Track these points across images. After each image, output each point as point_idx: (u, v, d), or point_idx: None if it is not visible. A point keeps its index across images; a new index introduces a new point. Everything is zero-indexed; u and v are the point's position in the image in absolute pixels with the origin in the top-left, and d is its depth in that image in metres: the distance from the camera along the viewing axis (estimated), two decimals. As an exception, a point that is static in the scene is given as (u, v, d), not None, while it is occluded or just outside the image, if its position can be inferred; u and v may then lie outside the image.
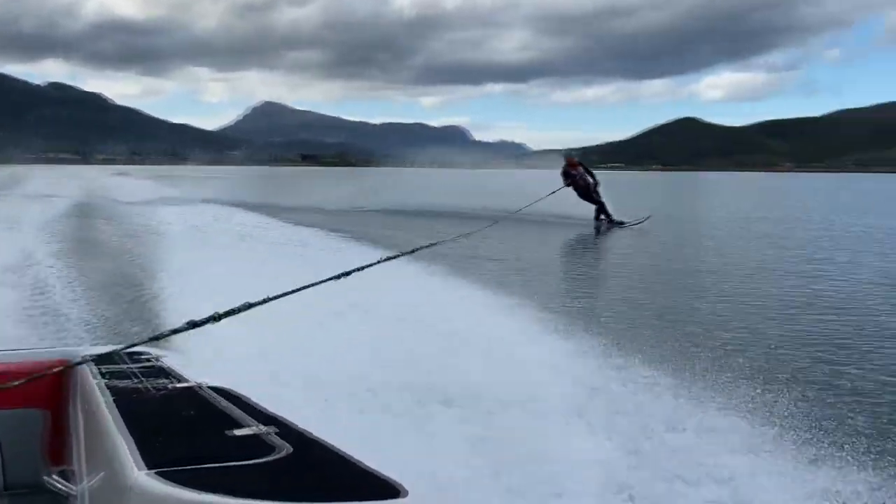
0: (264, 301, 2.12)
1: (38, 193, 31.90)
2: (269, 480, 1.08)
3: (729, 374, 5.33)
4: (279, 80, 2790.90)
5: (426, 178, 41.71)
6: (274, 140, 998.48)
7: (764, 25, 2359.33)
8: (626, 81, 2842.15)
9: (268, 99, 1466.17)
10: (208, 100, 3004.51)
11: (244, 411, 1.46)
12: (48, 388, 2.04)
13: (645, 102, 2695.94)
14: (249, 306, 2.06)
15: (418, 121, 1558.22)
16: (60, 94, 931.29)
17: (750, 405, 4.70)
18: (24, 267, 10.02)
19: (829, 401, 5.06)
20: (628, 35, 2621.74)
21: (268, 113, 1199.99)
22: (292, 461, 1.18)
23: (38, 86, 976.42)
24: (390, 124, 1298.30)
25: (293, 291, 2.20)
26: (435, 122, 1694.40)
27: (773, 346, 6.75)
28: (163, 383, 1.76)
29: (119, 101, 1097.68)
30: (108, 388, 1.70)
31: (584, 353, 5.87)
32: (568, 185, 20.62)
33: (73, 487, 1.75)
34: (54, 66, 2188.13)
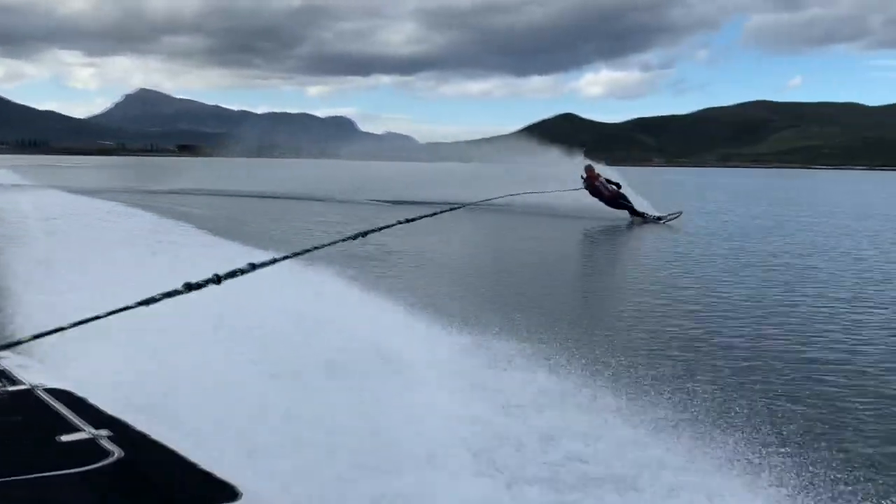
0: (271, 262, 2.44)
1: None
2: (91, 489, 1.01)
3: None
4: (156, 67, 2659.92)
5: (327, 169, 40.93)
6: (150, 130, 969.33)
7: (641, 25, 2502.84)
8: (509, 77, 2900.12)
9: (143, 86, 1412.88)
10: (77, 86, 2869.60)
11: (79, 415, 1.39)
12: None
13: (527, 98, 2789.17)
14: (254, 267, 2.25)
15: (304, 111, 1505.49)
16: None
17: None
18: None
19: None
20: (511, 31, 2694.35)
21: (144, 101, 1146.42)
22: (123, 466, 1.12)
23: None
24: (275, 114, 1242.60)
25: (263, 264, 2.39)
26: (321, 113, 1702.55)
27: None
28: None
29: None
30: None
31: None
32: (592, 191, 20.57)
33: None
34: None
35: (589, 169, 20.95)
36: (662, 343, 7.07)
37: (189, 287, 2.19)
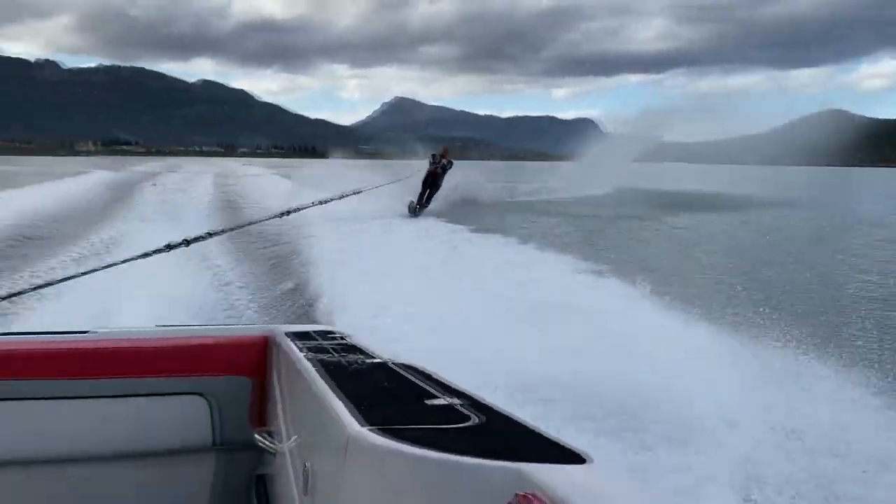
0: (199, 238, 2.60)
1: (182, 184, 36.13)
2: (467, 442, 1.16)
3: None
4: (413, 76, 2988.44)
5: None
6: (404, 136, 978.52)
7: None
8: (772, 71, 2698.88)
9: (401, 94, 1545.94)
10: (345, 96, 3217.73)
11: (433, 385, 1.56)
12: (253, 358, 2.27)
13: (791, 93, 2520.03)
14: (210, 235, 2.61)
15: (548, 114, 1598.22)
16: (210, 92, 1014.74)
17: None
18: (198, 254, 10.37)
19: None
20: (775, 22, 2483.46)
21: (400, 108, 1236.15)
22: (484, 428, 1.26)
23: (190, 83, 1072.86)
24: (519, 118, 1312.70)
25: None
26: (565, 115, 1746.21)
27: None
28: (356, 358, 1.89)
29: (263, 98, 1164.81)
30: (308, 359, 1.86)
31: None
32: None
33: (278, 445, 1.93)
34: (205, 63, 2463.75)
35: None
36: None
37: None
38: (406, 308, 6.69)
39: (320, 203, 4.02)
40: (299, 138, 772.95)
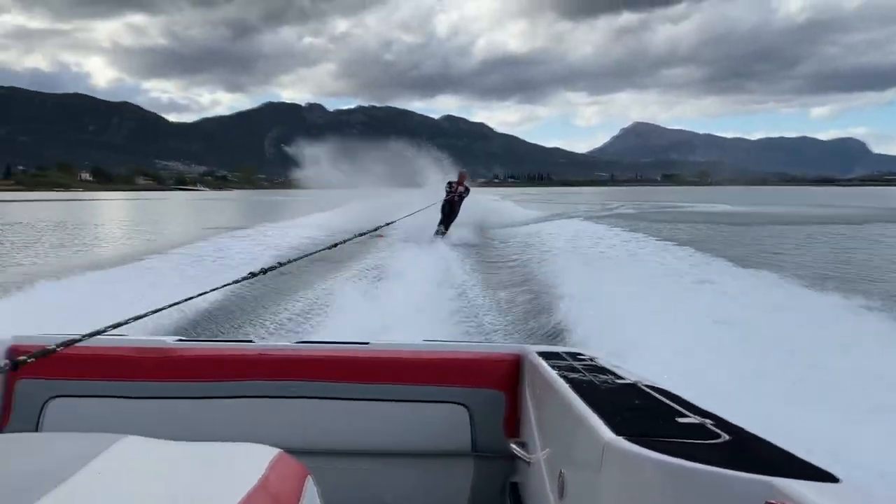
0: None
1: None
2: (718, 456, 1.22)
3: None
4: (651, 100, 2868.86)
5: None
6: (641, 161, 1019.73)
7: None
8: None
9: (639, 119, 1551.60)
10: (582, 123, 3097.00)
11: (683, 406, 1.62)
12: (507, 374, 2.53)
13: None
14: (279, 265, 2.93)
15: (804, 134, 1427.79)
16: (451, 126, 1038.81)
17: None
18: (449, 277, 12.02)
19: None
20: None
21: (638, 133, 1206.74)
22: (734, 445, 1.31)
23: (434, 119, 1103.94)
24: (770, 139, 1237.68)
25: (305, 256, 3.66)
26: (824, 136, 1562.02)
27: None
28: (606, 378, 1.99)
29: (499, 129, 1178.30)
30: (560, 377, 2.00)
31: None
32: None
33: (532, 454, 2.14)
34: (449, 100, 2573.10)
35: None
36: None
37: None
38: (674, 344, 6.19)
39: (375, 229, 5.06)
40: (534, 166, 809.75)
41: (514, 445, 2.25)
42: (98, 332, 1.69)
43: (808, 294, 9.57)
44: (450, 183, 19.49)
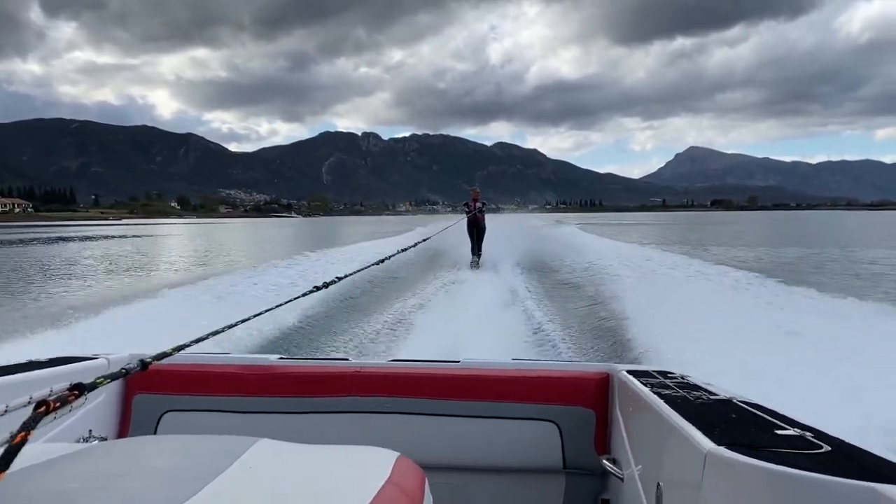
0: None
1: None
2: (821, 464, 1.26)
3: None
4: (707, 124, 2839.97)
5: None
6: (696, 186, 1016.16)
7: None
8: None
9: (694, 144, 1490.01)
10: (636, 148, 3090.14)
11: (781, 419, 1.65)
12: (595, 392, 2.59)
13: None
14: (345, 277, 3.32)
15: (868, 157, 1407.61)
16: (504, 153, 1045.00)
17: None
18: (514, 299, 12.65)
19: None
20: None
21: (693, 158, 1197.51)
22: (837, 454, 1.34)
23: (486, 146, 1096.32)
24: (832, 163, 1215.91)
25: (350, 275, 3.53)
26: (889, 159, 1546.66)
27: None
28: (700, 394, 2.03)
29: (552, 156, 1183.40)
30: (653, 393, 2.05)
31: None
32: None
33: (625, 470, 2.20)
34: (501, 127, 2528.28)
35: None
36: None
37: None
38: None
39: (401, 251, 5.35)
40: (587, 193, 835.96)
41: (605, 462, 2.36)
42: (200, 339, 1.75)
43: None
44: (466, 203, 20.03)
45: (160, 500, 1.08)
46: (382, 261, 4.56)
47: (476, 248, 19.15)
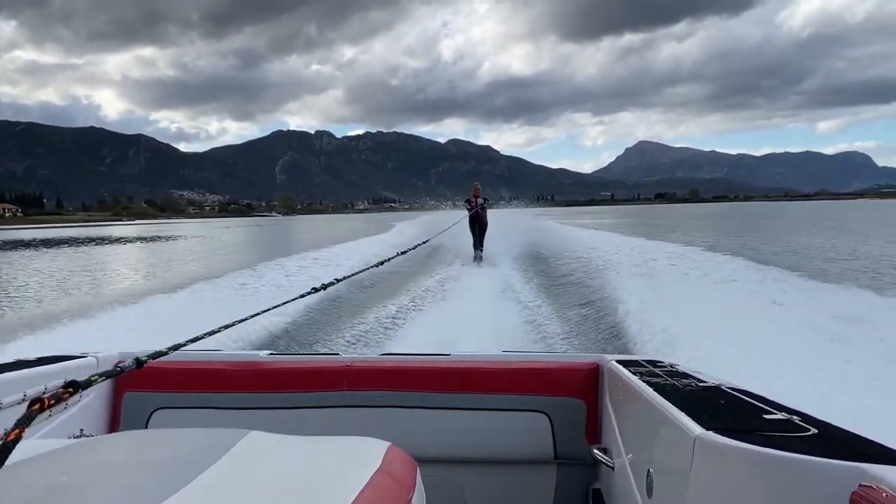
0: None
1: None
2: (808, 446, 1.26)
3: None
4: (656, 119, 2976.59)
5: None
6: (645, 180, 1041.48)
7: None
8: None
9: (644, 138, 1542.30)
10: (587, 143, 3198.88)
11: (769, 404, 1.66)
12: (585, 382, 2.59)
13: None
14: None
15: (808, 149, 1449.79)
16: (458, 150, 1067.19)
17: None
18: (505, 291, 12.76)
19: None
20: None
21: (643, 152, 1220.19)
22: (823, 437, 1.36)
23: (440, 144, 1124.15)
24: (775, 155, 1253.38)
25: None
26: (830, 150, 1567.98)
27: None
28: (688, 381, 2.03)
29: (505, 152, 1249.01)
30: (643, 382, 2.06)
31: None
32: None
33: (616, 459, 2.22)
34: (455, 123, 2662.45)
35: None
36: None
37: None
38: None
39: (401, 253, 5.33)
40: (539, 188, 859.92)
41: (596, 451, 2.36)
42: (197, 339, 1.74)
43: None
44: (467, 200, 19.77)
45: (151, 491, 1.08)
46: (382, 263, 4.60)
47: (478, 244, 19.49)
